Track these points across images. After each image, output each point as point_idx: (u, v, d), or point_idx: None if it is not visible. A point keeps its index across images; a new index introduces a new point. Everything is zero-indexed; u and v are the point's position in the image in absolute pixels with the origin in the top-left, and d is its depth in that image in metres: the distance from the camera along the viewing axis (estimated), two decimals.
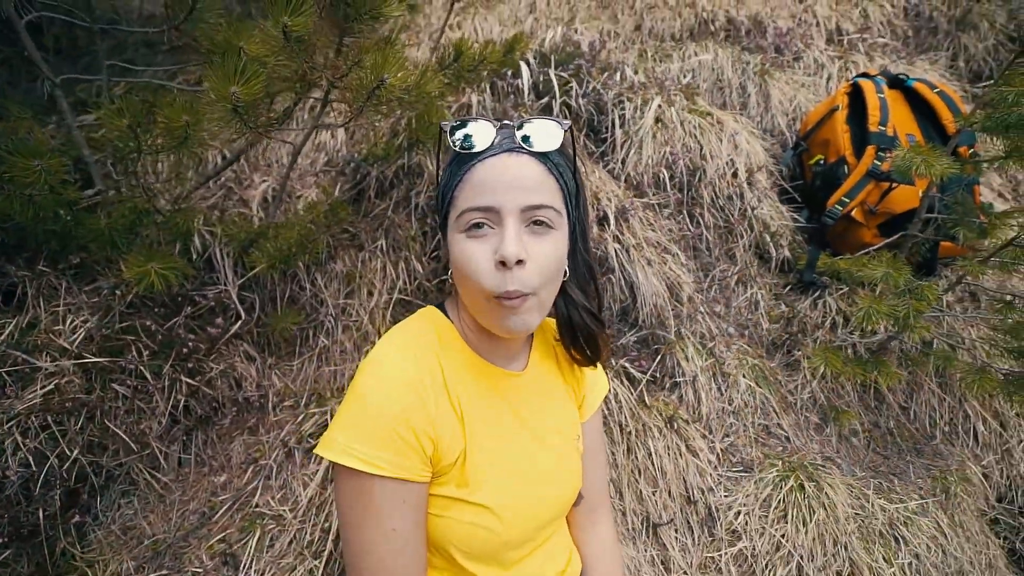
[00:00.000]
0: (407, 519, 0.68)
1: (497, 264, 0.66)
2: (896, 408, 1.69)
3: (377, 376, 0.70)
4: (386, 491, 0.66)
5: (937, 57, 2.93)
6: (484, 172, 0.68)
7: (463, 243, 0.68)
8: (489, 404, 0.77)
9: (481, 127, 0.69)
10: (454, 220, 0.70)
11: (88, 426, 1.24)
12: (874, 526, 1.39)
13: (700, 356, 1.69)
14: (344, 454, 0.65)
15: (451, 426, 0.72)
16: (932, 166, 1.34)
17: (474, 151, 0.68)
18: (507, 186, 0.67)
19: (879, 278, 1.31)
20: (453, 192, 0.70)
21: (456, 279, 0.72)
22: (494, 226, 0.67)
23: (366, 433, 0.66)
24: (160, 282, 1.23)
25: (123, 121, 1.18)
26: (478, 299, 0.70)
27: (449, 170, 0.72)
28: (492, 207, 0.66)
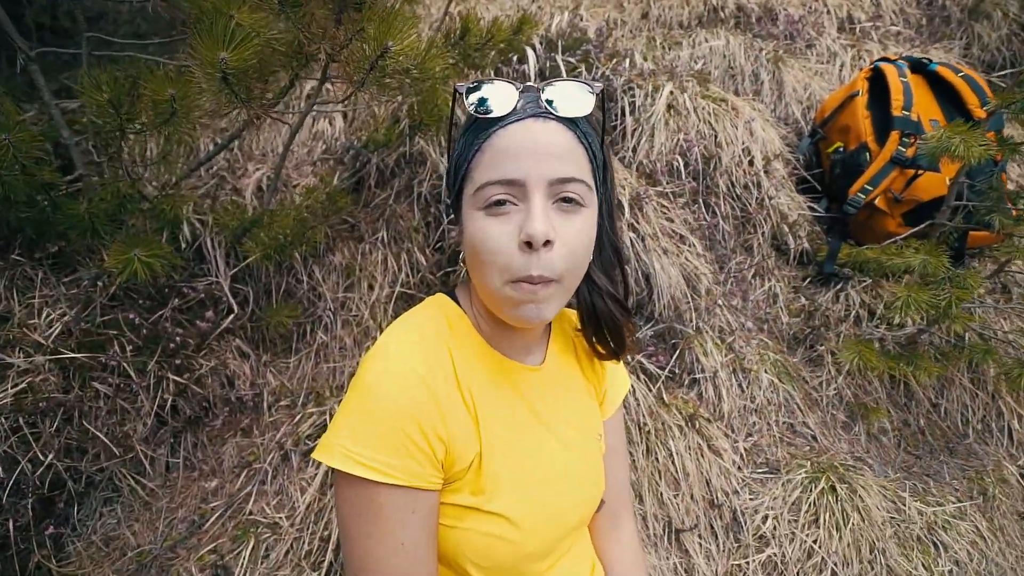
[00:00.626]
0: (417, 531, 0.59)
1: (522, 245, 0.58)
2: (927, 405, 1.61)
3: (382, 371, 0.61)
4: (394, 500, 0.58)
5: (951, 46, 2.85)
6: (506, 139, 0.59)
7: (481, 221, 0.60)
8: (505, 401, 0.69)
9: (501, 89, 0.60)
10: (471, 195, 0.61)
11: (65, 428, 1.14)
12: (912, 531, 1.31)
13: (719, 351, 1.60)
14: (346, 459, 0.57)
15: (464, 426, 0.64)
16: (971, 147, 1.25)
17: (494, 116, 0.59)
18: (533, 155, 0.58)
19: (917, 266, 1.22)
20: (469, 163, 0.62)
21: (471, 262, 0.64)
22: (518, 202, 0.59)
23: (371, 435, 0.58)
24: (144, 271, 1.13)
25: (102, 96, 1.08)
26: (495, 283, 0.61)
27: (464, 139, 0.63)
28: (516, 179, 0.58)
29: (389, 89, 1.22)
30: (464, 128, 0.64)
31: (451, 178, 0.66)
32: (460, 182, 0.64)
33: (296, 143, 2.15)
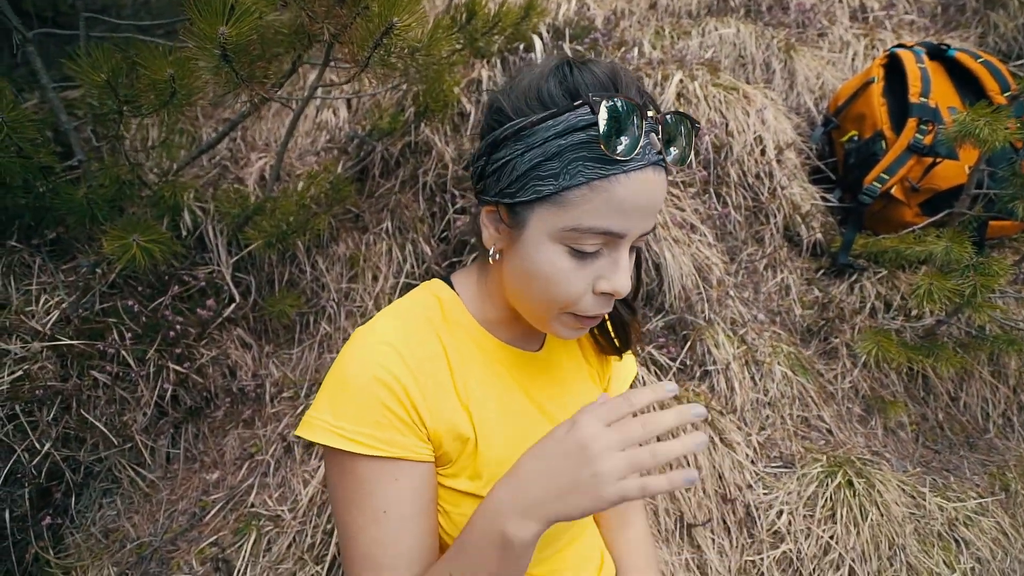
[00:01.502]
0: (402, 502, 0.58)
1: (598, 292, 0.57)
2: (946, 398, 1.57)
3: (360, 345, 0.60)
4: (374, 471, 0.57)
5: (966, 35, 2.80)
6: (625, 190, 0.52)
7: (560, 258, 0.55)
8: (500, 386, 0.66)
9: (634, 119, 0.51)
10: (555, 225, 0.54)
11: (63, 417, 1.11)
12: (932, 527, 1.27)
13: (731, 343, 1.56)
14: (326, 433, 0.56)
15: (454, 409, 0.62)
16: (996, 130, 1.21)
17: (621, 157, 0.51)
18: (642, 212, 0.55)
19: (939, 253, 1.18)
20: (571, 192, 0.53)
21: (521, 281, 0.59)
22: (603, 248, 0.56)
23: (348, 407, 0.57)
24: (144, 257, 1.11)
25: (99, 76, 1.06)
26: (551, 311, 0.59)
27: (561, 150, 0.53)
28: (621, 233, 0.54)
29: (394, 70, 1.19)
30: (564, 132, 0.53)
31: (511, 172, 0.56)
32: (537, 195, 0.54)
33: (300, 133, 2.12)
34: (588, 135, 0.52)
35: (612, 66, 0.56)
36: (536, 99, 0.55)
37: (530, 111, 0.55)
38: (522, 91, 0.56)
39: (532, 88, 0.56)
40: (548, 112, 0.54)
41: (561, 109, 0.53)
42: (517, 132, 0.55)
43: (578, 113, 0.53)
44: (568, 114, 0.53)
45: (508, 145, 0.56)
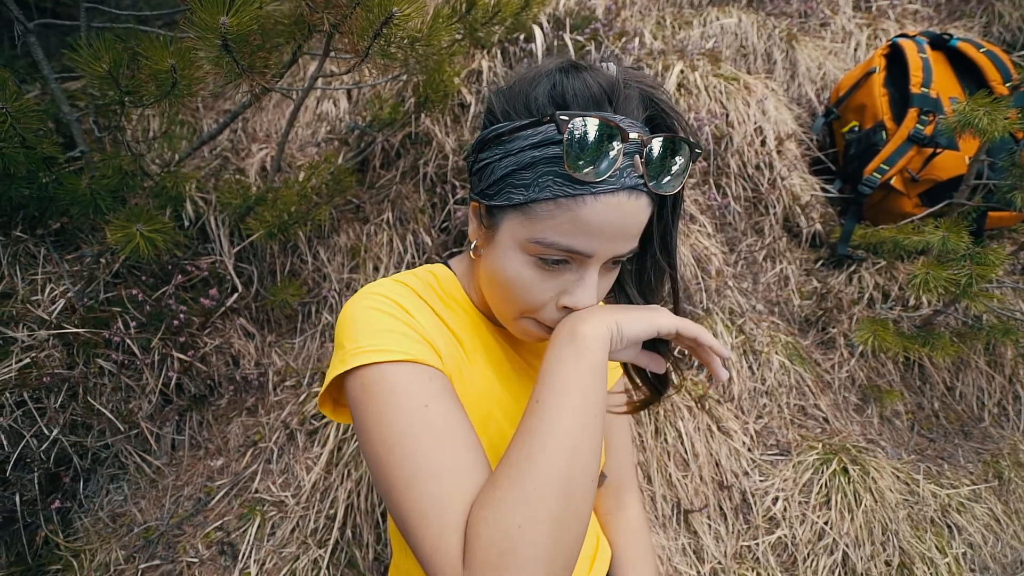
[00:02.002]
0: (441, 398, 0.53)
1: (560, 307, 0.57)
2: (942, 388, 1.58)
3: (359, 294, 0.61)
4: (404, 372, 0.54)
5: (971, 24, 2.78)
6: (592, 213, 0.51)
7: (526, 268, 0.55)
8: (493, 364, 0.67)
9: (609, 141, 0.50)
10: (522, 234, 0.54)
11: (70, 404, 1.13)
12: (925, 513, 1.28)
13: (730, 333, 1.58)
14: (349, 362, 0.54)
15: (449, 343, 0.62)
16: (995, 120, 1.21)
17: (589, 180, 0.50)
18: (611, 236, 0.53)
19: (936, 243, 1.19)
20: (539, 205, 0.53)
21: (490, 280, 0.60)
22: (571, 262, 0.55)
23: (360, 334, 0.56)
24: (147, 246, 1.12)
25: (101, 66, 1.06)
26: (513, 314, 0.60)
27: (534, 160, 0.52)
28: (586, 253, 0.53)
29: (394, 60, 1.19)
30: (534, 142, 0.52)
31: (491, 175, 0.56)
32: (510, 204, 0.55)
33: (300, 124, 2.13)
34: (560, 150, 0.51)
35: (613, 77, 0.53)
36: (523, 105, 0.54)
37: (516, 116, 0.55)
38: (513, 95, 0.56)
39: (522, 93, 0.55)
40: (527, 122, 0.53)
41: (539, 121, 0.52)
42: (498, 137, 0.55)
43: (553, 126, 0.51)
44: (545, 127, 0.52)
45: (490, 148, 0.56)
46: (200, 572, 1.16)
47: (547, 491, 0.46)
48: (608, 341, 0.54)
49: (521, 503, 0.45)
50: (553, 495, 0.46)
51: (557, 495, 0.46)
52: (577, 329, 0.53)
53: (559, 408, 0.49)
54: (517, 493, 0.46)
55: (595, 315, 0.55)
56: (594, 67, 0.55)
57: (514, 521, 0.45)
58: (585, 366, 0.51)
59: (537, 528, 0.45)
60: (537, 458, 0.47)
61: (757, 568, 1.26)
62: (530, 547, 0.44)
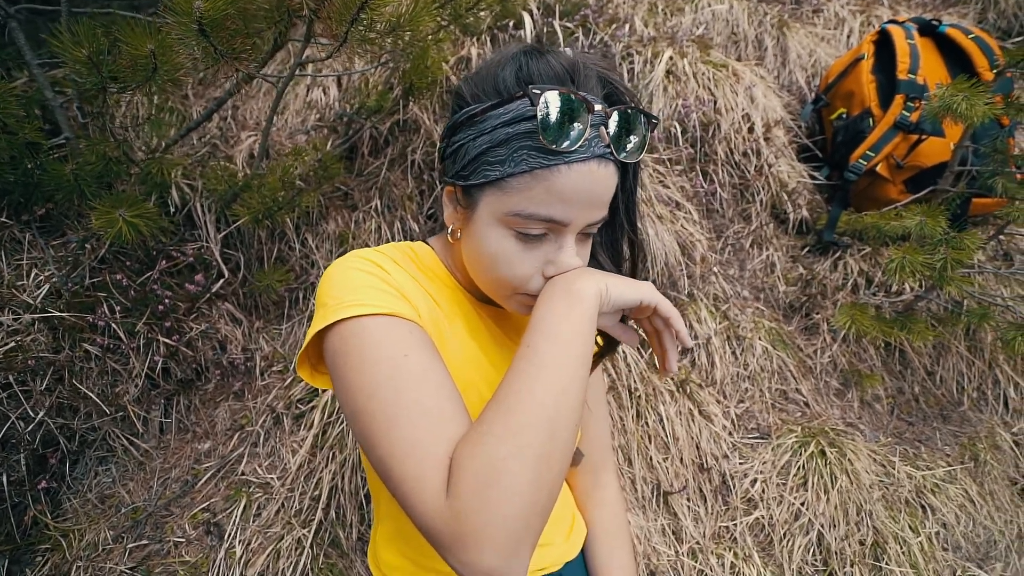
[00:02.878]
0: (420, 351, 0.54)
1: (545, 274, 0.59)
2: (922, 372, 1.60)
3: (343, 260, 0.61)
4: (383, 324, 0.54)
5: (966, 11, 2.76)
6: (566, 181, 0.54)
7: (508, 242, 0.57)
8: (474, 333, 0.68)
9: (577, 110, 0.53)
10: (500, 210, 0.56)
11: (57, 387, 1.15)
12: (900, 494, 1.31)
13: (713, 318, 1.59)
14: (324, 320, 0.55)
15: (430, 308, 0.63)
16: (974, 105, 1.21)
17: (562, 149, 0.53)
18: (585, 203, 0.56)
19: (913, 228, 1.20)
20: (515, 178, 0.55)
21: (473, 259, 0.62)
22: (549, 234, 0.58)
23: (340, 292, 0.57)
24: (130, 232, 1.13)
25: (81, 52, 1.07)
26: (502, 292, 0.61)
27: (508, 137, 0.55)
28: (563, 221, 0.56)
29: (373, 46, 1.19)
30: (511, 121, 0.55)
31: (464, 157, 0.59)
32: (487, 181, 0.57)
33: (290, 111, 2.13)
34: (533, 125, 0.53)
35: (573, 58, 0.57)
36: (492, 87, 0.57)
37: (485, 98, 0.57)
38: (481, 79, 0.59)
39: (489, 76, 0.58)
40: (499, 100, 0.56)
41: (510, 98, 0.55)
42: (471, 118, 0.57)
43: (525, 103, 0.54)
44: (516, 103, 0.55)
45: (463, 130, 0.59)
46: (187, 552, 1.18)
47: (534, 426, 0.48)
48: (599, 299, 0.56)
49: (508, 435, 0.47)
50: (539, 431, 0.48)
51: (543, 431, 0.48)
52: (571, 283, 0.56)
53: (549, 352, 0.52)
54: (504, 427, 0.48)
55: (588, 273, 0.58)
56: (554, 50, 0.58)
57: (499, 452, 0.46)
58: (576, 315, 0.54)
59: (522, 461, 0.46)
60: (526, 396, 0.49)
61: (734, 548, 1.29)
62: (514, 479, 0.46)
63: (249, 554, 1.17)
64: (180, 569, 1.15)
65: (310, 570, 1.16)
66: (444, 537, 0.46)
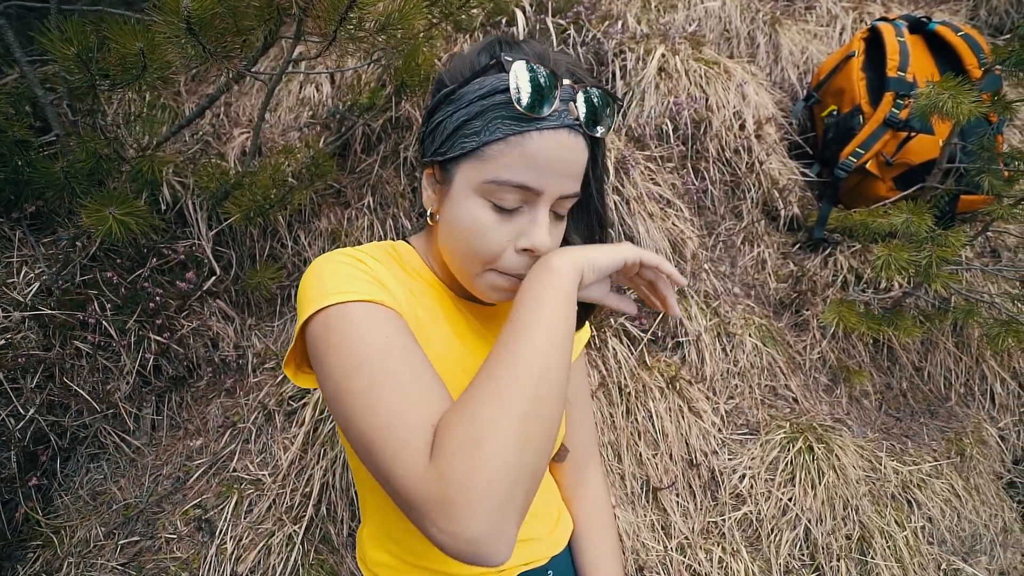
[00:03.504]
0: (401, 334, 0.55)
1: (519, 249, 0.60)
2: (910, 369, 1.61)
3: (322, 258, 0.62)
4: (366, 310, 0.55)
5: (958, 8, 2.77)
6: (539, 146, 0.57)
7: (483, 213, 0.59)
8: (456, 328, 0.69)
9: (546, 80, 0.56)
10: (476, 179, 0.58)
11: (47, 385, 1.15)
12: (886, 489, 1.32)
13: (704, 315, 1.60)
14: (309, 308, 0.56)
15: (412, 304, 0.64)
16: (960, 103, 1.22)
17: (535, 114, 0.56)
18: (557, 171, 0.58)
19: (899, 225, 1.21)
20: (489, 146, 0.58)
21: (448, 235, 0.62)
22: (523, 205, 0.59)
23: (323, 284, 0.57)
24: (120, 229, 1.13)
25: (70, 49, 1.07)
26: (475, 268, 0.62)
27: (483, 109, 0.58)
28: (535, 189, 0.58)
29: (363, 43, 1.20)
30: (485, 95, 0.58)
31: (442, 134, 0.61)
32: (463, 152, 0.59)
33: (283, 108, 2.12)
34: (506, 96, 0.57)
35: (543, 47, 0.61)
36: (468, 68, 0.61)
37: (462, 78, 0.60)
38: (457, 64, 0.63)
39: (466, 60, 0.62)
40: (473, 74, 0.59)
41: (484, 71, 0.58)
42: (448, 96, 0.61)
43: (500, 76, 0.58)
44: (491, 77, 0.58)
45: (442, 108, 0.62)
46: (178, 548, 1.19)
47: (518, 389, 0.49)
48: (579, 272, 0.58)
49: (493, 398, 0.48)
50: (524, 394, 0.49)
51: (528, 394, 0.49)
52: (551, 261, 0.58)
53: (531, 321, 0.53)
54: (489, 390, 0.49)
55: (567, 250, 0.59)
56: (524, 40, 0.63)
57: (484, 414, 0.47)
58: (557, 292, 0.55)
59: (506, 422, 0.47)
60: (510, 363, 0.50)
61: (723, 543, 1.30)
62: (499, 439, 0.46)
63: (240, 550, 1.18)
64: (171, 565, 1.15)
65: (301, 566, 1.17)
66: (428, 504, 0.45)
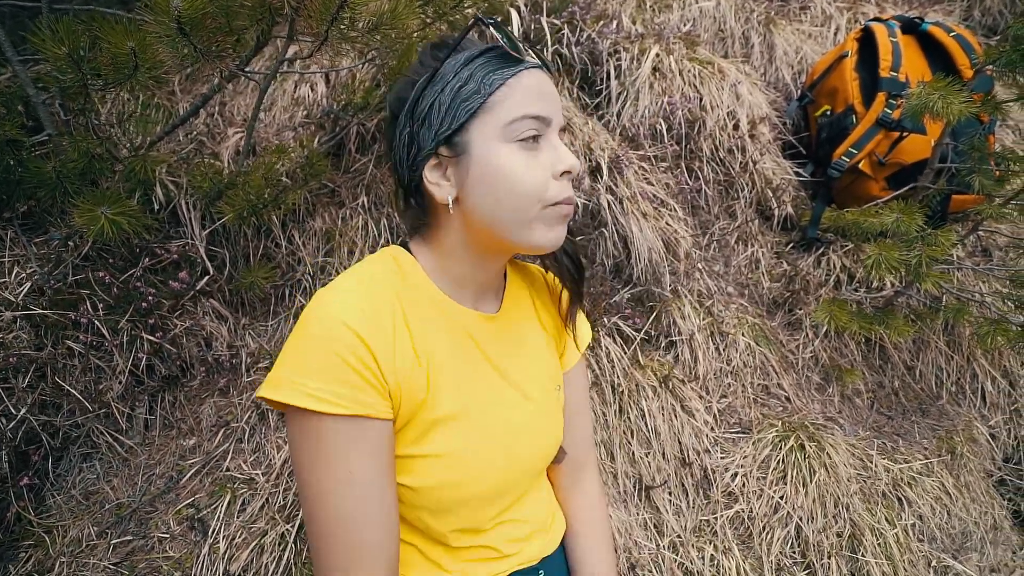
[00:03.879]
0: (366, 462, 0.59)
1: (557, 175, 0.64)
2: (902, 367, 1.62)
3: (323, 304, 0.61)
4: (339, 430, 0.57)
5: (952, 8, 2.79)
6: (532, 80, 0.63)
7: (517, 155, 0.62)
8: (457, 347, 0.69)
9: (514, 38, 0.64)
10: (497, 127, 0.62)
11: (39, 384, 1.15)
12: (877, 487, 1.33)
13: (697, 314, 1.61)
14: (288, 391, 0.57)
15: (412, 366, 0.63)
16: (950, 103, 1.23)
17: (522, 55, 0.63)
18: (552, 100, 0.64)
19: (890, 225, 1.21)
20: (493, 95, 0.62)
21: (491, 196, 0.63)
22: (540, 138, 0.64)
23: (311, 365, 0.57)
24: (113, 229, 1.13)
25: (61, 49, 1.07)
26: (532, 209, 0.63)
27: (471, 71, 0.62)
28: (546, 117, 0.63)
29: (356, 43, 1.20)
30: (467, 60, 0.63)
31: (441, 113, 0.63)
32: (469, 113, 0.62)
33: (278, 108, 2.12)
34: (488, 55, 0.63)
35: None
36: (429, 56, 0.65)
37: (418, 77, 0.64)
38: (413, 67, 0.67)
39: (419, 58, 0.67)
40: (447, 52, 0.63)
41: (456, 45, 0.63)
42: (430, 79, 0.63)
43: (475, 43, 0.64)
44: (464, 53, 0.63)
45: (427, 95, 0.63)
46: (171, 547, 1.19)
47: None
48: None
49: None
50: None
51: None
52: None
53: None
54: None
55: None
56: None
57: None
58: None
59: None
60: None
61: (715, 541, 1.30)
62: None
63: (233, 549, 1.18)
64: (164, 564, 1.15)
65: (293, 565, 1.17)
66: None
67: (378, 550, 0.60)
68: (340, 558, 0.58)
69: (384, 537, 0.60)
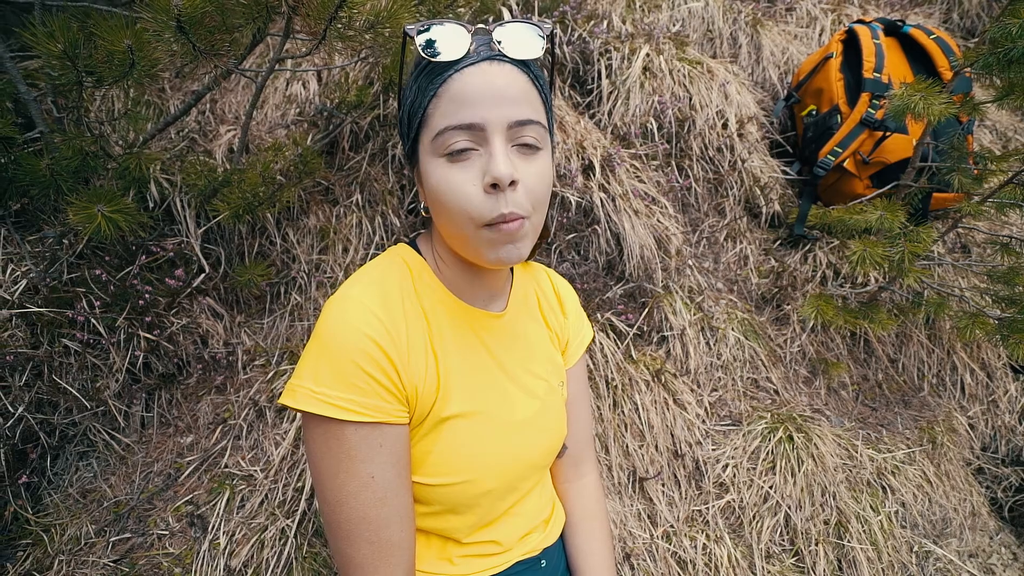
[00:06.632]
0: (386, 466, 0.61)
1: (487, 188, 0.58)
2: (885, 360, 1.67)
3: (340, 312, 0.62)
4: (361, 436, 0.60)
5: (931, 11, 2.85)
6: (462, 84, 0.58)
7: (443, 169, 0.60)
8: (467, 348, 0.70)
9: (453, 31, 0.59)
10: (429, 142, 0.61)
11: (36, 383, 1.15)
12: (862, 476, 1.37)
13: (688, 310, 1.64)
14: (311, 401, 0.59)
15: (427, 368, 0.65)
16: (931, 104, 1.27)
17: (446, 60, 0.58)
18: (491, 99, 0.58)
19: (873, 222, 1.25)
20: (425, 109, 0.61)
21: (437, 210, 0.63)
22: (479, 147, 0.59)
23: (332, 374, 0.59)
24: (109, 227, 1.13)
25: (56, 46, 1.06)
26: (466, 230, 0.61)
27: (416, 84, 0.62)
28: (475, 124, 0.58)
29: (353, 43, 1.21)
30: (416, 73, 0.62)
31: (404, 126, 0.66)
32: (416, 129, 0.63)
33: (270, 106, 2.12)
34: (423, 61, 0.61)
35: None
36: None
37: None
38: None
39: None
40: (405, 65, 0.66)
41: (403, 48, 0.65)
42: (401, 97, 0.67)
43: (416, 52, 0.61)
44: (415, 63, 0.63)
45: (402, 107, 0.66)
46: (170, 544, 1.19)
47: None
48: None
49: None
50: None
51: None
52: None
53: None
54: None
55: None
56: None
57: None
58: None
59: None
60: None
61: (707, 530, 1.34)
62: None
63: (233, 545, 1.19)
64: (164, 561, 1.16)
65: (294, 559, 1.18)
66: None
67: (398, 547, 0.62)
68: (364, 556, 0.60)
69: (403, 535, 0.62)
